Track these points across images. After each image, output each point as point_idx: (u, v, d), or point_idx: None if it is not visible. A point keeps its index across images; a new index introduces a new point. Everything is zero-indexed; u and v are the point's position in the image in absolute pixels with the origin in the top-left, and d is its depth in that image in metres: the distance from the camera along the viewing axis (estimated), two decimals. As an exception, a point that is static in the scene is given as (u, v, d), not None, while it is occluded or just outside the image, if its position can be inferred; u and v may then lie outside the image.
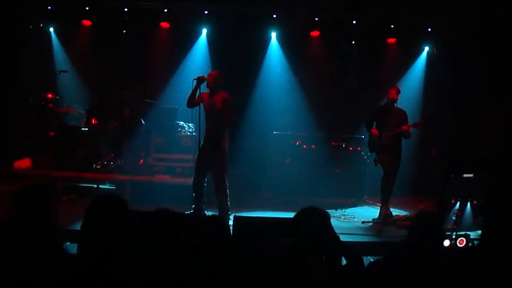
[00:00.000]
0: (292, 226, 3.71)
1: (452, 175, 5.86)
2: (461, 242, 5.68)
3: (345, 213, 9.07)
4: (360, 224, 8.40)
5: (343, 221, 8.57)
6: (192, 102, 7.80)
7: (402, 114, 8.64)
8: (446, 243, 5.65)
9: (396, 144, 8.59)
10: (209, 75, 7.78)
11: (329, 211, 9.00)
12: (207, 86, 7.76)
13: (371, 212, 9.47)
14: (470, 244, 5.51)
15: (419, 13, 11.18)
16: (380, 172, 8.70)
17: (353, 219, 8.80)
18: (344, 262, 3.78)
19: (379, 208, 8.81)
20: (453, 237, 5.58)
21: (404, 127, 8.38)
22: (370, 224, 8.39)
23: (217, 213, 7.68)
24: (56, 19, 11.95)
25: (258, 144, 10.79)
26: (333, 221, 8.36)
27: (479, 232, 5.39)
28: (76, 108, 10.74)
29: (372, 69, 11.96)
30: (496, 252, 3.51)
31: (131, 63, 11.88)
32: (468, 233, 5.62)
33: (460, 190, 5.77)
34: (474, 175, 5.81)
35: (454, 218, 5.64)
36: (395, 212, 8.73)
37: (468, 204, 5.65)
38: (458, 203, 5.69)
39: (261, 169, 10.42)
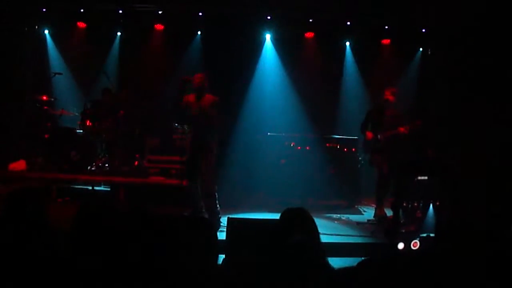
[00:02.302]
0: (279, 228, 3.76)
1: (407, 178, 5.91)
2: (415, 245, 5.69)
3: (340, 214, 9.10)
4: (355, 225, 8.41)
5: (337, 222, 8.58)
6: (178, 105, 7.66)
7: (397, 115, 8.62)
8: (401, 246, 5.65)
9: (392, 145, 8.58)
10: (195, 77, 7.64)
11: (324, 212, 9.09)
12: (194, 88, 7.66)
13: (366, 213, 9.51)
14: (425, 247, 5.53)
15: (413, 14, 11.19)
16: (375, 172, 8.72)
17: (348, 220, 8.82)
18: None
19: (374, 209, 8.82)
20: (417, 239, 5.62)
21: (401, 129, 8.35)
22: (365, 225, 8.40)
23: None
24: (51, 21, 11.96)
25: (252, 145, 10.80)
26: (328, 222, 8.48)
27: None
28: (70, 110, 10.73)
29: (367, 70, 11.99)
30: (448, 253, 3.53)
31: (126, 65, 11.91)
32: (432, 235, 5.63)
33: (415, 192, 5.81)
34: (428, 178, 5.84)
35: (415, 220, 5.67)
36: (389, 213, 8.75)
37: (431, 206, 5.67)
38: (420, 206, 5.73)
39: (255, 170, 10.42)
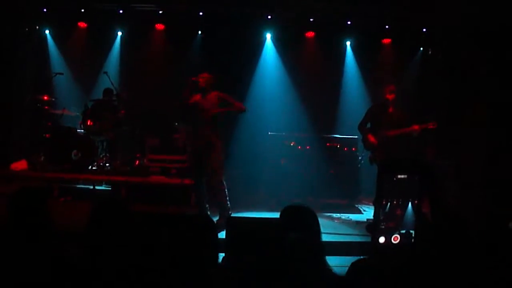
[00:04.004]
0: (280, 224, 3.77)
1: (387, 176, 5.97)
2: (396, 239, 5.79)
3: (340, 213, 9.13)
4: (355, 225, 8.44)
5: (337, 222, 8.61)
6: (185, 104, 7.85)
7: (399, 113, 8.59)
8: (382, 239, 5.76)
9: (395, 143, 8.58)
10: (200, 77, 7.82)
11: (324, 211, 9.12)
12: (199, 87, 7.81)
13: (366, 212, 9.54)
14: (405, 241, 5.63)
15: (414, 14, 11.19)
16: (375, 171, 8.70)
17: (348, 219, 8.85)
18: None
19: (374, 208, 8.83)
20: (397, 234, 5.71)
21: (415, 127, 8.33)
22: (365, 224, 8.42)
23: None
24: (51, 21, 11.95)
25: (253, 145, 10.83)
26: (328, 221, 8.51)
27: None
28: (71, 110, 10.77)
29: (367, 69, 12.00)
30: (427, 249, 3.57)
31: (127, 65, 11.94)
32: (411, 231, 5.74)
33: (396, 191, 5.90)
34: (407, 176, 5.93)
35: (394, 217, 5.77)
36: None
37: (409, 203, 5.78)
38: (398, 203, 5.82)
39: (256, 170, 10.45)
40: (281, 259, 2.98)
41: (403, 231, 5.89)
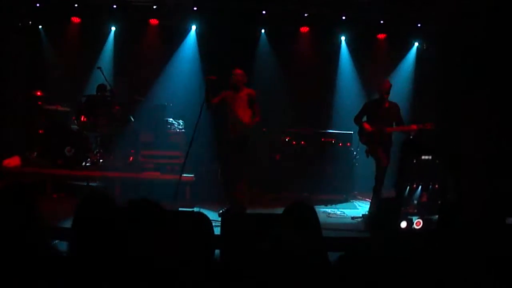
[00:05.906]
0: (280, 220, 3.74)
1: (410, 158, 5.90)
2: (418, 224, 5.71)
3: (335, 209, 9.10)
4: (350, 220, 8.41)
5: (332, 217, 8.59)
6: (210, 103, 7.94)
7: (394, 107, 8.62)
8: (403, 224, 5.68)
9: (391, 139, 8.59)
10: (234, 74, 8.01)
11: (319, 207, 9.10)
12: (232, 84, 8.00)
13: (361, 207, 9.52)
14: (427, 227, 5.54)
15: (408, 8, 11.18)
16: (370, 167, 8.68)
17: (343, 214, 8.83)
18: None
19: (369, 203, 8.82)
20: (413, 220, 5.62)
21: (413, 127, 8.36)
22: (360, 219, 8.39)
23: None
24: (45, 17, 11.88)
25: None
26: (323, 217, 8.46)
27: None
28: (65, 105, 10.71)
29: (362, 64, 11.98)
30: (451, 235, 3.53)
31: (120, 60, 11.88)
32: (431, 217, 5.67)
33: (419, 172, 5.82)
34: (432, 157, 5.86)
35: (415, 202, 5.68)
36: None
37: (430, 187, 5.70)
38: (419, 188, 5.74)
39: (250, 165, 10.40)
40: (276, 255, 2.94)
41: (427, 217, 5.80)
